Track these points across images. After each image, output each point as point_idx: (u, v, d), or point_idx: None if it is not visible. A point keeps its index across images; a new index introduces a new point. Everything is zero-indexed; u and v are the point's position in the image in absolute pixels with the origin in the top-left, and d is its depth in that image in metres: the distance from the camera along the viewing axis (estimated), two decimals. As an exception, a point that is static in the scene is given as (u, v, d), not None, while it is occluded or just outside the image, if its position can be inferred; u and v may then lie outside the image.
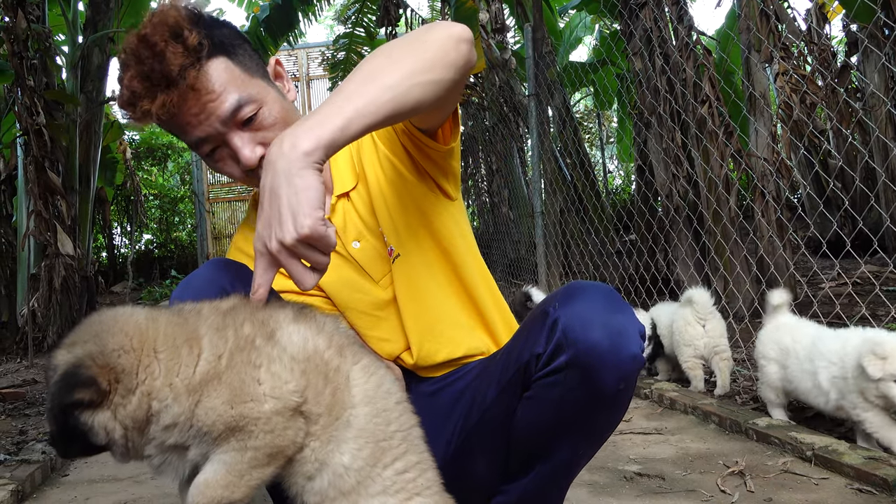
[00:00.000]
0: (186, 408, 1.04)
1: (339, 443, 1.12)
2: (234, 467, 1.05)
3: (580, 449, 1.36)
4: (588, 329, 1.21)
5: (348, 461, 1.12)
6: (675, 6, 4.76)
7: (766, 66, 4.70)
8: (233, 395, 1.04)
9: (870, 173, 6.30)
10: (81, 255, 6.83)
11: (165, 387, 1.04)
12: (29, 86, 6.17)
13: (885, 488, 2.06)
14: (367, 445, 1.14)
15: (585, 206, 6.16)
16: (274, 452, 1.06)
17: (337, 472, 1.11)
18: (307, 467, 1.11)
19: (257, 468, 1.06)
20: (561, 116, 6.63)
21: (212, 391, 1.04)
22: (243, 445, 1.05)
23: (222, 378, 1.05)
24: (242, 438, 1.04)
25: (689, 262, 4.85)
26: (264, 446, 1.05)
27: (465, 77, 1.29)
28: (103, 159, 8.53)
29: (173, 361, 1.05)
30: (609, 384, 1.22)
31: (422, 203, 1.54)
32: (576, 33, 10.63)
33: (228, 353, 1.07)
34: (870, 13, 4.86)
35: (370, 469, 1.14)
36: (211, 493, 1.04)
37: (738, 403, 3.08)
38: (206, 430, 1.04)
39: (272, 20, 8.43)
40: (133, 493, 2.68)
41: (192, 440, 1.06)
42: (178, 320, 1.10)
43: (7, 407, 4.07)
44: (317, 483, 1.12)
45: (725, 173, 4.60)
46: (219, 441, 1.05)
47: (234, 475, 1.05)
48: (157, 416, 1.04)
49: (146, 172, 13.87)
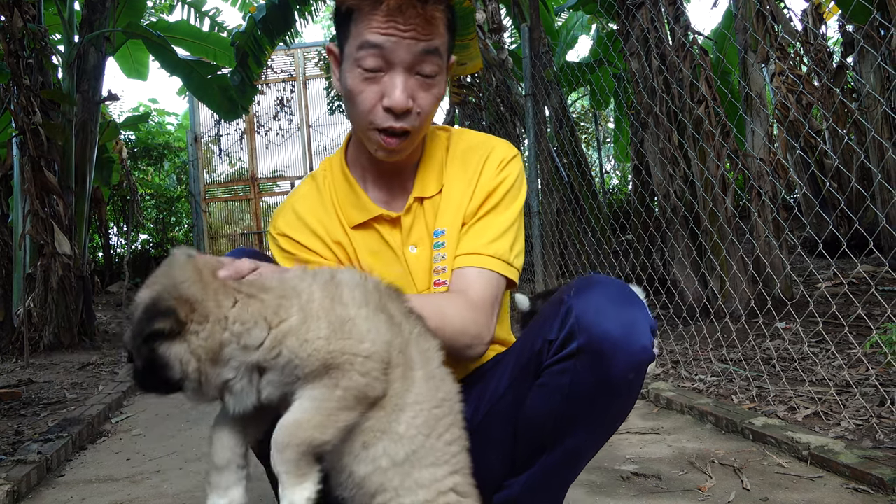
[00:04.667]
0: (272, 336, 1.08)
1: (401, 410, 1.14)
2: (324, 405, 1.06)
3: (588, 439, 1.38)
4: (602, 318, 1.24)
5: (403, 430, 1.13)
6: (672, 6, 4.77)
7: (763, 67, 4.71)
8: (332, 330, 1.08)
9: (866, 173, 6.31)
10: (78, 254, 6.80)
11: (245, 311, 1.09)
12: (25, 85, 6.15)
13: (880, 487, 2.07)
14: (421, 413, 1.15)
15: (582, 206, 6.16)
16: (361, 396, 1.08)
17: (393, 439, 1.13)
18: (366, 437, 1.12)
19: (345, 410, 1.08)
20: (558, 116, 6.63)
21: (307, 324, 1.08)
22: (335, 383, 1.07)
23: (317, 314, 1.09)
24: (336, 376, 1.07)
25: (686, 262, 4.86)
26: (354, 387, 1.07)
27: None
28: (99, 159, 8.50)
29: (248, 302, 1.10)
30: (619, 373, 1.25)
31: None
32: (573, 33, 10.62)
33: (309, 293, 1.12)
34: (866, 14, 4.87)
35: (424, 438, 1.15)
36: (303, 434, 1.05)
37: (735, 403, 3.09)
38: (299, 364, 1.07)
39: (268, 20, 8.40)
40: (129, 493, 2.68)
41: (277, 368, 1.09)
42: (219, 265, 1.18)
43: (3, 407, 4.06)
44: (371, 451, 1.13)
45: (722, 173, 4.61)
46: (310, 377, 1.07)
47: (323, 414, 1.06)
48: (239, 338, 1.08)
49: (142, 172, 13.81)
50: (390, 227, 1.57)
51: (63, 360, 5.90)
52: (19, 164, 6.64)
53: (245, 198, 13.50)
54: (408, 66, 1.39)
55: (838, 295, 4.34)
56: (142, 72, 9.77)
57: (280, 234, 1.59)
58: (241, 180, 13.57)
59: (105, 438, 3.61)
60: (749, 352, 3.82)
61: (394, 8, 1.34)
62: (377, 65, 1.39)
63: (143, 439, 3.53)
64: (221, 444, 1.16)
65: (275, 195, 13.58)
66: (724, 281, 4.51)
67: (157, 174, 14.48)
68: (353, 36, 1.41)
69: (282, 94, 13.32)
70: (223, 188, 13.60)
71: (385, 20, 1.36)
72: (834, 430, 2.58)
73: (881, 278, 4.73)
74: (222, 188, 13.59)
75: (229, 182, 13.68)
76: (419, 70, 1.40)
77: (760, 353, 3.75)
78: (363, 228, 1.57)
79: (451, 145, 1.62)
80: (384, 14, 1.36)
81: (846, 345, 3.57)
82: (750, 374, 3.41)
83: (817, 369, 3.23)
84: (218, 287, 1.11)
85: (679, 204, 4.83)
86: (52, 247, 6.33)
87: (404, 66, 1.39)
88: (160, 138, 14.06)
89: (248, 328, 1.08)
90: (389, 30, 1.36)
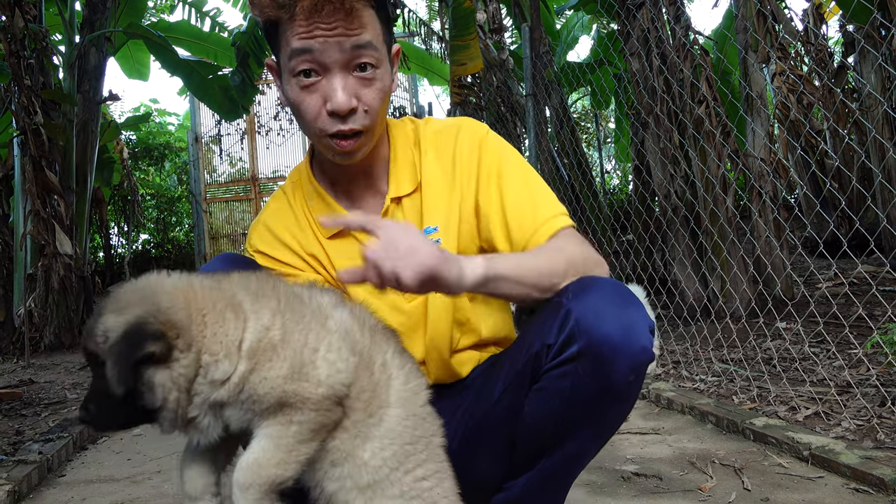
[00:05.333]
0: (240, 370, 1.07)
1: (366, 439, 1.15)
2: (282, 442, 1.08)
3: (588, 442, 1.37)
4: (601, 320, 1.23)
5: (367, 457, 1.15)
6: (673, 6, 4.76)
7: (764, 67, 4.71)
8: (291, 371, 1.08)
9: (866, 173, 6.31)
10: (78, 254, 6.81)
11: (216, 343, 1.07)
12: (26, 85, 6.17)
13: (881, 488, 2.07)
14: (390, 446, 1.16)
15: (583, 207, 6.16)
16: (317, 428, 1.10)
17: (357, 464, 1.15)
18: (334, 455, 1.14)
19: (303, 443, 1.09)
20: (558, 116, 6.63)
21: (268, 362, 1.08)
22: (289, 420, 1.08)
23: (279, 351, 1.08)
24: (289, 413, 1.08)
25: (687, 263, 4.86)
26: (309, 421, 1.09)
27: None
28: (100, 159, 8.50)
29: (218, 323, 1.08)
30: (620, 375, 1.24)
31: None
32: (573, 33, 10.62)
33: (281, 323, 1.10)
34: (866, 14, 4.87)
35: (390, 471, 1.16)
36: (265, 474, 1.06)
37: (736, 403, 3.09)
38: (256, 399, 1.07)
39: (270, 20, 8.40)
40: (130, 493, 2.68)
41: (237, 403, 1.08)
42: (211, 283, 1.14)
43: (3, 407, 4.06)
44: (338, 470, 1.15)
45: (722, 173, 4.61)
46: (265, 413, 1.08)
47: (283, 451, 1.07)
48: (206, 371, 1.06)
49: (143, 172, 13.81)
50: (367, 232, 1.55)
51: (64, 361, 5.90)
52: (20, 164, 6.65)
53: (246, 198, 13.49)
54: (343, 65, 1.35)
55: (839, 295, 4.34)
56: (143, 72, 9.78)
57: (255, 252, 1.57)
58: (241, 180, 13.57)
59: (106, 438, 3.61)
60: (750, 352, 3.82)
61: (309, 9, 1.30)
62: (312, 69, 1.35)
63: (143, 439, 3.53)
64: (193, 473, 1.16)
65: (275, 195, 13.55)
66: (725, 281, 4.51)
67: (158, 174, 14.49)
68: (282, 46, 1.38)
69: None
70: (224, 188, 13.59)
71: (307, 24, 1.32)
72: (835, 431, 2.58)
73: (882, 278, 4.73)
74: (223, 188, 13.59)
75: (230, 182, 13.66)
76: (356, 67, 1.36)
77: (761, 353, 3.75)
78: (339, 237, 1.53)
79: (420, 138, 1.58)
80: (303, 18, 1.32)
81: (847, 345, 3.56)
82: (751, 375, 3.41)
83: (818, 369, 3.23)
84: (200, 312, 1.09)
85: (680, 204, 4.83)
86: (53, 247, 6.34)
87: (339, 66, 1.35)
88: (161, 138, 14.07)
89: (216, 360, 1.07)
90: (314, 32, 1.32)
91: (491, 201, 1.50)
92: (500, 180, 1.51)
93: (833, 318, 3.59)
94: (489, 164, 1.52)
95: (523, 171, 1.53)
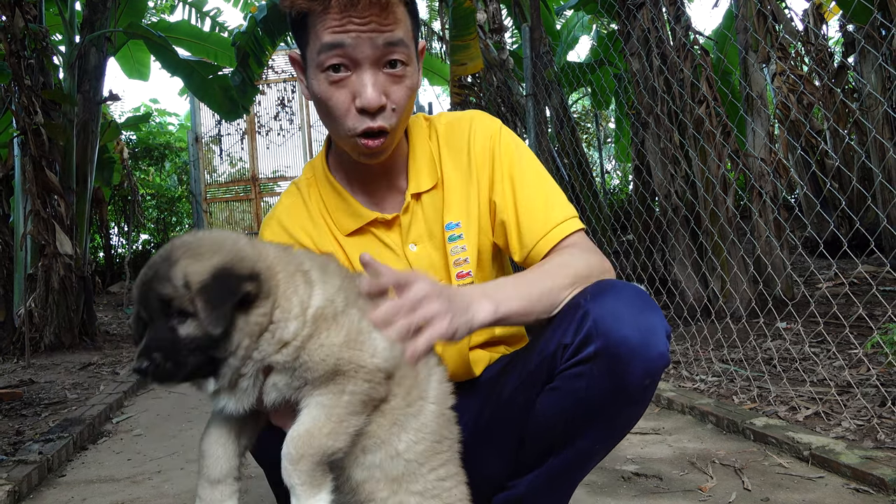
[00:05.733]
0: (303, 334, 1.06)
1: (402, 428, 1.15)
2: (334, 411, 1.07)
3: (597, 443, 1.37)
4: (619, 323, 1.24)
5: (402, 448, 1.15)
6: (673, 6, 4.76)
7: (764, 67, 4.71)
8: (349, 338, 1.08)
9: (867, 173, 6.31)
10: (79, 254, 6.81)
11: (288, 300, 1.07)
12: (26, 85, 6.16)
13: (881, 488, 2.07)
14: (424, 440, 1.17)
15: (583, 207, 6.16)
16: (367, 400, 1.10)
17: (390, 454, 1.14)
18: (367, 441, 1.13)
19: (354, 414, 1.08)
20: (558, 116, 6.63)
21: (327, 329, 1.07)
22: (342, 389, 1.07)
23: (339, 320, 1.08)
24: (342, 382, 1.07)
25: (687, 263, 4.86)
26: (361, 392, 1.08)
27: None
28: (100, 159, 8.50)
29: (290, 283, 1.08)
30: (636, 378, 1.24)
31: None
32: (573, 33, 10.62)
33: (343, 298, 1.11)
34: (867, 14, 4.87)
35: (418, 465, 1.16)
36: (317, 444, 1.05)
37: (736, 403, 3.09)
38: (311, 366, 1.06)
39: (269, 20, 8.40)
40: (130, 493, 2.68)
41: (289, 370, 1.07)
42: (278, 248, 1.15)
43: (4, 407, 4.06)
44: (369, 458, 1.14)
45: (723, 173, 4.61)
46: (318, 381, 1.07)
47: (334, 421, 1.06)
48: (276, 328, 1.05)
49: (143, 172, 13.82)
50: (386, 229, 1.53)
51: (64, 361, 5.90)
52: (21, 164, 6.65)
53: (246, 198, 13.50)
54: (374, 61, 1.33)
55: (839, 295, 4.34)
56: (143, 72, 9.78)
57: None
58: (241, 180, 13.57)
59: (106, 438, 3.61)
60: (750, 352, 3.82)
61: (345, 2, 1.28)
62: (342, 65, 1.33)
63: (144, 439, 3.53)
64: (216, 456, 1.13)
65: (276, 195, 13.56)
66: (725, 281, 4.51)
67: (158, 174, 14.49)
68: (311, 40, 1.35)
69: (283, 94, 13.30)
70: (224, 188, 13.59)
71: (340, 17, 1.30)
72: (835, 431, 2.58)
73: (882, 278, 4.73)
74: (223, 188, 13.59)
75: (230, 182, 13.67)
76: (387, 63, 1.34)
77: (761, 353, 3.75)
78: (358, 234, 1.53)
79: (437, 133, 1.58)
80: (337, 11, 1.29)
81: (847, 345, 3.56)
82: (751, 375, 3.41)
83: (818, 369, 3.23)
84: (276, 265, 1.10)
85: (680, 204, 4.83)
86: (54, 247, 6.34)
87: (370, 62, 1.33)
88: (161, 138, 14.07)
89: (286, 318, 1.06)
90: (347, 26, 1.30)
91: (506, 200, 1.51)
92: (513, 180, 1.52)
93: (833, 318, 3.59)
94: (504, 161, 1.53)
95: (536, 171, 1.54)
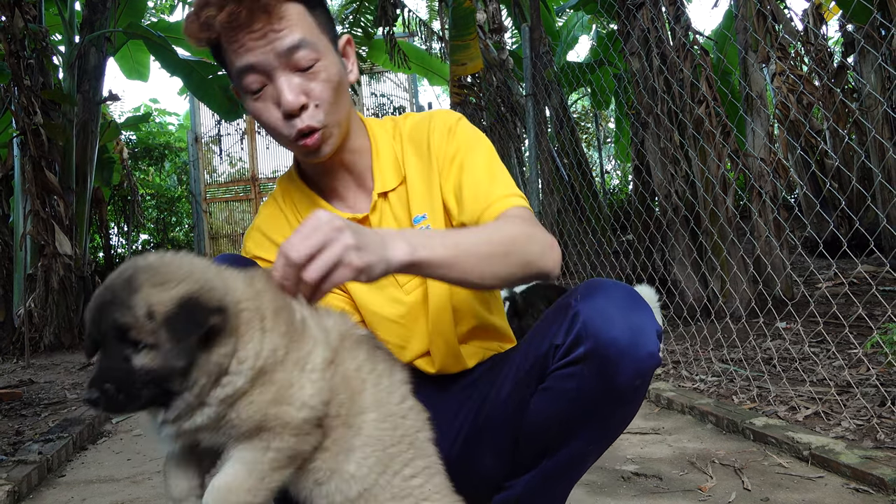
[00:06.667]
0: (242, 389, 1.00)
1: (349, 452, 1.12)
2: (256, 468, 1.03)
3: (592, 444, 1.37)
4: (609, 324, 1.24)
5: (353, 469, 1.12)
6: (673, 6, 4.77)
7: (763, 67, 4.71)
8: (278, 394, 1.02)
9: (866, 173, 6.31)
10: (78, 254, 6.81)
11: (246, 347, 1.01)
12: (26, 85, 6.17)
13: (881, 488, 2.07)
14: (373, 453, 1.14)
15: (583, 207, 6.17)
16: (294, 455, 1.06)
17: (344, 478, 1.12)
18: (317, 475, 1.11)
19: (277, 470, 1.05)
20: (558, 116, 6.63)
21: (262, 385, 1.02)
22: (266, 445, 1.03)
23: (275, 374, 1.03)
24: (267, 438, 1.03)
25: (687, 263, 4.86)
26: (287, 448, 1.04)
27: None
28: (100, 159, 8.51)
29: (251, 325, 1.03)
30: (626, 379, 1.25)
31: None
32: (573, 33, 10.63)
33: (284, 347, 1.04)
34: (866, 14, 4.87)
35: (377, 477, 1.14)
36: (235, 500, 1.02)
37: (736, 403, 3.09)
38: (236, 424, 1.02)
39: (269, 20, 8.42)
40: (130, 493, 2.68)
41: (217, 424, 1.02)
42: (244, 279, 1.08)
43: (3, 407, 4.06)
44: (325, 488, 1.12)
45: (722, 173, 4.61)
46: (242, 437, 1.03)
47: (255, 478, 1.03)
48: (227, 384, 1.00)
49: (143, 172, 13.81)
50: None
51: (64, 361, 5.90)
52: (20, 164, 6.65)
53: (246, 198, 13.50)
54: (282, 67, 1.33)
55: (839, 295, 4.34)
56: (142, 72, 9.78)
57: (252, 257, 1.58)
58: (241, 180, 13.58)
59: (106, 438, 3.61)
60: (750, 352, 3.82)
61: (227, 22, 1.28)
62: (258, 82, 1.34)
63: (143, 439, 3.53)
64: (177, 476, 1.12)
65: (275, 195, 13.55)
66: (725, 281, 4.51)
67: (158, 174, 14.49)
68: (230, 70, 1.38)
69: (282, 95, 13.30)
70: (224, 188, 13.60)
71: (235, 38, 1.31)
72: (835, 431, 2.58)
73: (882, 278, 4.73)
74: (223, 188, 13.59)
75: (230, 182, 13.68)
76: (296, 62, 1.34)
77: (761, 353, 3.75)
78: None
79: (402, 133, 1.58)
80: (230, 32, 1.30)
81: (847, 345, 3.56)
82: (750, 374, 3.41)
83: (818, 369, 3.23)
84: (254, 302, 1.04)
85: (680, 204, 4.83)
86: (53, 247, 6.34)
87: (280, 69, 1.33)
88: (161, 138, 14.07)
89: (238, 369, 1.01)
90: (246, 44, 1.31)
91: (451, 183, 1.50)
92: (462, 165, 1.51)
93: (833, 318, 3.59)
94: (457, 149, 1.53)
95: (487, 159, 1.52)
